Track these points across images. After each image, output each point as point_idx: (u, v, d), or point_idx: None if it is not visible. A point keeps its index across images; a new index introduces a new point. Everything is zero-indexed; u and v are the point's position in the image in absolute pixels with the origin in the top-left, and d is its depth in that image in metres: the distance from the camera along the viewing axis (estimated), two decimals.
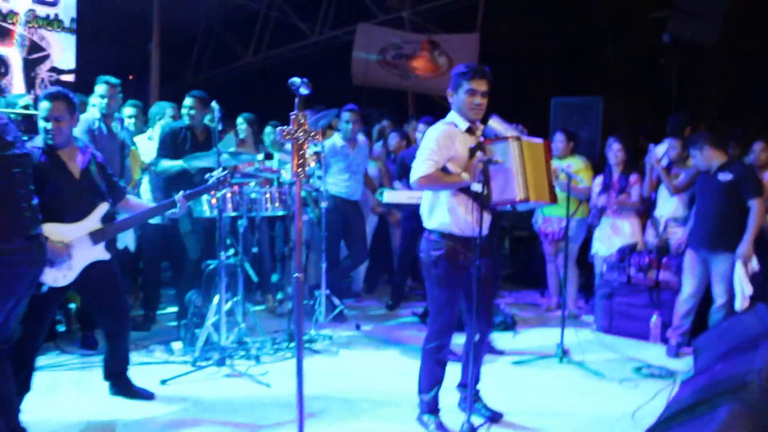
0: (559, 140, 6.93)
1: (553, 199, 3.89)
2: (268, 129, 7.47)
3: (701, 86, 11.69)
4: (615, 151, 6.71)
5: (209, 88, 6.27)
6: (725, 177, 5.57)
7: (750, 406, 2.67)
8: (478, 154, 3.79)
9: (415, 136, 7.07)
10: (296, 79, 3.20)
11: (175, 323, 5.99)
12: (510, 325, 6.38)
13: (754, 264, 5.51)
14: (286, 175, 5.82)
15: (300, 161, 2.90)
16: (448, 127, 3.90)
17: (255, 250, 6.12)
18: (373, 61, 11.70)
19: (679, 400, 3.37)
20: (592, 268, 7.05)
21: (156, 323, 6.21)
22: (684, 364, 5.47)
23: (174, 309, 6.34)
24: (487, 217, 3.91)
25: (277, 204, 5.53)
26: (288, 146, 6.68)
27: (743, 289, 5.45)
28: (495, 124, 4.17)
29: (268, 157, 6.10)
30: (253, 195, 5.39)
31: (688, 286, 5.82)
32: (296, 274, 3.08)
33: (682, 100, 11.09)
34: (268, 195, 5.47)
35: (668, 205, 6.43)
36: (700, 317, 5.81)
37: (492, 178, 3.75)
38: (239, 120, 7.26)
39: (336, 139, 6.69)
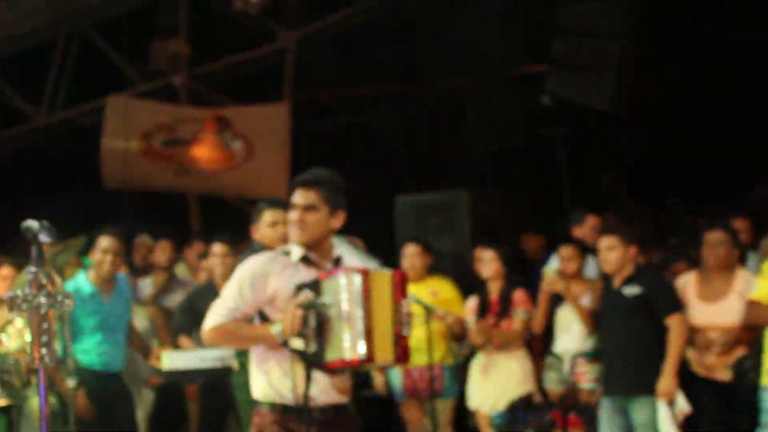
0: (411, 255, 7.35)
1: (401, 358, 4.18)
2: None
3: (601, 160, 12.77)
4: (488, 262, 7.23)
5: None
6: (632, 291, 6.24)
7: None
8: (302, 295, 4.06)
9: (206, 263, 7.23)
10: (31, 224, 3.32)
11: None
12: None
13: (682, 404, 6.11)
14: (10, 342, 5.78)
15: (44, 339, 2.98)
16: (268, 259, 4.26)
17: None
18: (133, 151, 11.80)
19: None
20: None
21: None
22: None
23: None
24: (323, 380, 4.16)
25: None
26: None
27: None
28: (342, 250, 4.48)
29: None
30: None
31: None
32: None
33: (577, 183, 12.07)
34: None
35: (572, 335, 6.97)
36: None
37: (323, 327, 4.04)
38: None
39: (81, 282, 6.68)
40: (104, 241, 6.60)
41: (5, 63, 12.48)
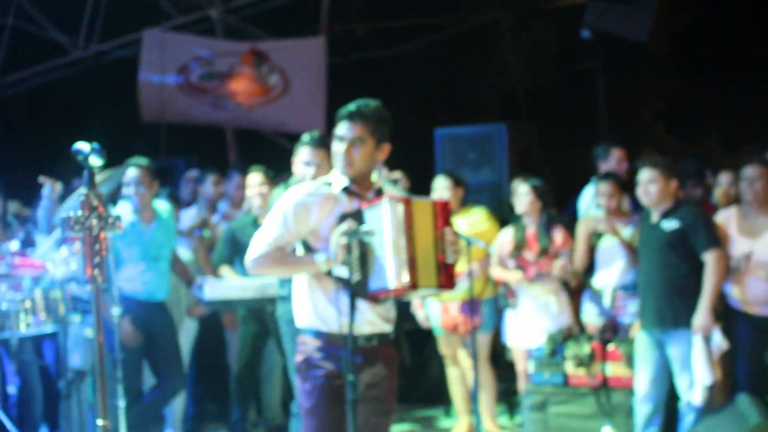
0: (441, 188, 7.30)
1: (445, 284, 4.18)
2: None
3: (638, 96, 12.67)
4: (522, 197, 7.18)
5: None
6: (670, 225, 6.22)
7: None
8: (345, 224, 4.09)
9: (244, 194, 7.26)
10: (83, 145, 3.33)
11: None
12: None
13: (718, 340, 6.14)
14: (56, 269, 5.84)
15: (96, 259, 3.02)
16: (310, 190, 4.28)
17: (14, 390, 6.03)
18: (170, 85, 11.82)
19: None
20: (511, 369, 7.45)
21: None
22: None
23: None
24: (366, 308, 4.22)
25: (42, 315, 5.57)
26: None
27: (701, 376, 6.05)
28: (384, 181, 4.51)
29: (28, 243, 6.11)
30: (4, 306, 5.45)
31: (643, 381, 6.38)
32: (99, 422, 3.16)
33: (614, 118, 11.97)
34: (27, 303, 5.54)
35: (613, 269, 6.94)
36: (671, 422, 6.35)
37: (366, 256, 4.07)
38: None
39: (123, 212, 6.74)
40: (130, 173, 6.69)
41: None
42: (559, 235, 7.07)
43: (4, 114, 13.42)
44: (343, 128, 4.24)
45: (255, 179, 7.12)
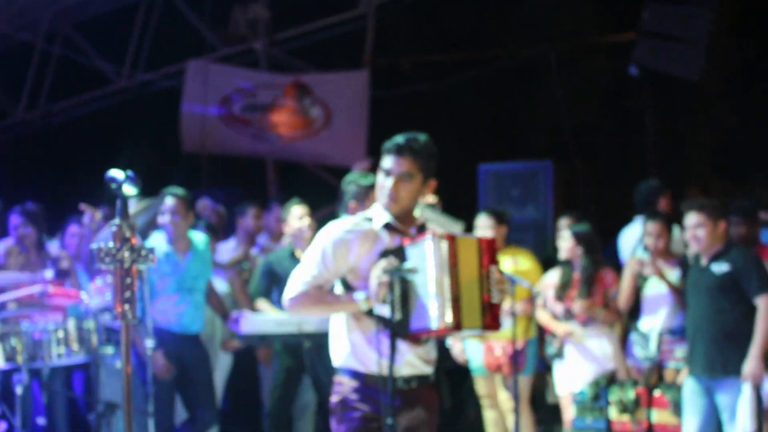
0: (483, 227, 7.19)
1: (490, 325, 4.06)
2: None
3: (687, 135, 12.50)
4: (564, 241, 7.12)
5: None
6: (720, 268, 6.05)
7: None
8: (386, 261, 3.99)
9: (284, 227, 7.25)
10: (117, 173, 3.26)
11: None
12: None
13: None
14: (90, 300, 5.81)
15: (126, 294, 2.93)
16: (349, 226, 4.17)
17: (43, 421, 5.96)
18: (212, 116, 11.87)
19: None
20: (553, 412, 7.33)
21: None
22: None
23: None
24: (406, 349, 4.10)
25: (74, 346, 5.59)
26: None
27: (742, 424, 5.88)
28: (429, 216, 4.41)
29: (62, 275, 6.08)
30: (36, 335, 5.48)
31: (691, 430, 6.22)
32: None
33: (662, 156, 11.82)
34: (60, 333, 5.54)
35: (659, 312, 6.82)
36: None
37: (408, 295, 3.97)
38: (14, 218, 7.05)
39: (158, 242, 6.73)
40: (166, 202, 6.70)
41: (88, 25, 12.66)
42: (607, 275, 6.97)
43: (49, 142, 13.53)
44: (390, 162, 4.13)
45: (298, 211, 7.11)
